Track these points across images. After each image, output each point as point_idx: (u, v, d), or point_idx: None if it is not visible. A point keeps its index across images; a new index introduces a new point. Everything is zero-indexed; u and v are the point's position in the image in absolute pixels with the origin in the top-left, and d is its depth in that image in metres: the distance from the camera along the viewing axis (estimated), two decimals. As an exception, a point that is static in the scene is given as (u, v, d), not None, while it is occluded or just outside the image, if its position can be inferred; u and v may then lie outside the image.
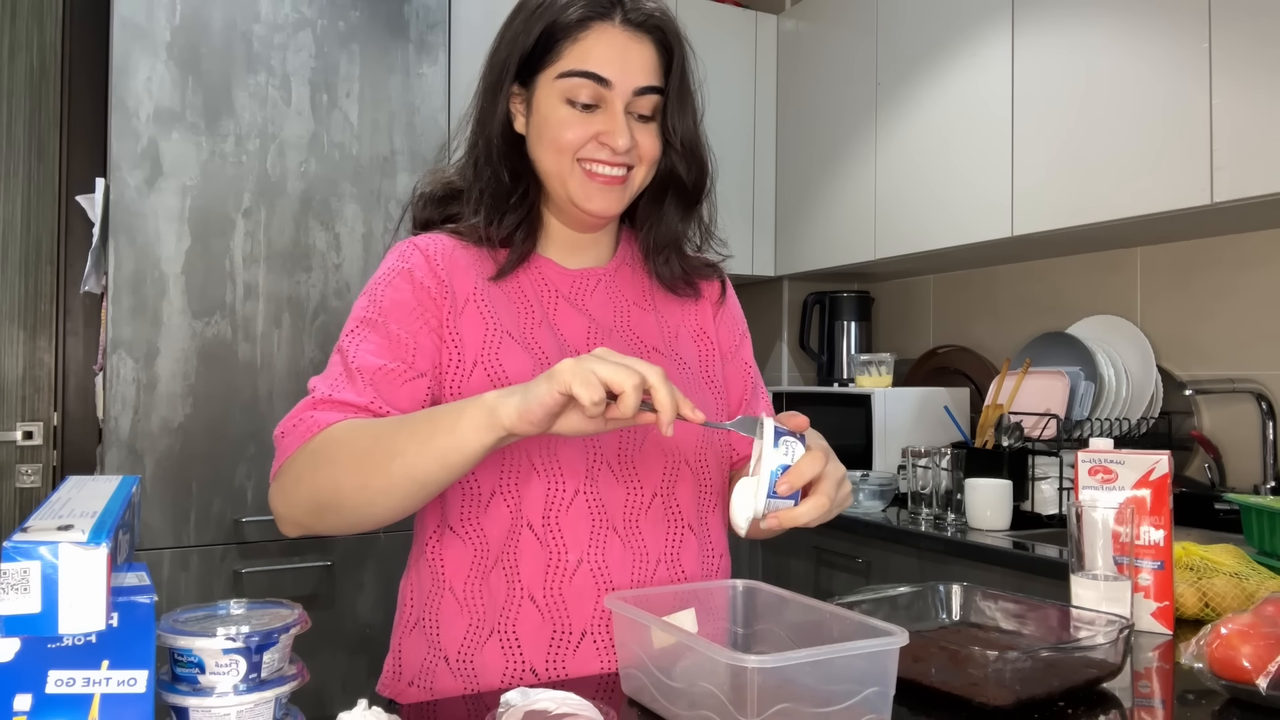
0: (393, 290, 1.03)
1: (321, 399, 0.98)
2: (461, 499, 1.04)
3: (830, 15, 3.03)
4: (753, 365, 1.23)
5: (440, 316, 1.03)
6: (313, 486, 0.93)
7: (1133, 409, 2.35)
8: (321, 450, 0.93)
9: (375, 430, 0.92)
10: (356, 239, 2.33)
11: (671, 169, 1.10)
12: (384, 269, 1.06)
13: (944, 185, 2.57)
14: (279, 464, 0.97)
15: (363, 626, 2.27)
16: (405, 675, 1.07)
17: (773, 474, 0.85)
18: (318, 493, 0.92)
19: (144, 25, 2.13)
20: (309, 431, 0.95)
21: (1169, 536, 1.15)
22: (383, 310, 1.02)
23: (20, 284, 2.81)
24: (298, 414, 0.97)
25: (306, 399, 0.99)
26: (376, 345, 1.00)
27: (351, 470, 0.91)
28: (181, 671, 0.70)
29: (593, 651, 1.01)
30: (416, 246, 1.07)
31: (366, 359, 0.99)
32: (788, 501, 0.86)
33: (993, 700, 0.85)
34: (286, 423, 0.97)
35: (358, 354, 1.00)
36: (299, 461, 0.95)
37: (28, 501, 2.82)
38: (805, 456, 0.87)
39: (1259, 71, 1.86)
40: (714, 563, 1.11)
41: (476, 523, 1.03)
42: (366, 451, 0.91)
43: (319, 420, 0.95)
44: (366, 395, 0.97)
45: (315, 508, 0.93)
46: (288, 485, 0.95)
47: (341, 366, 1.00)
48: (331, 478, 0.91)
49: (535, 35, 1.02)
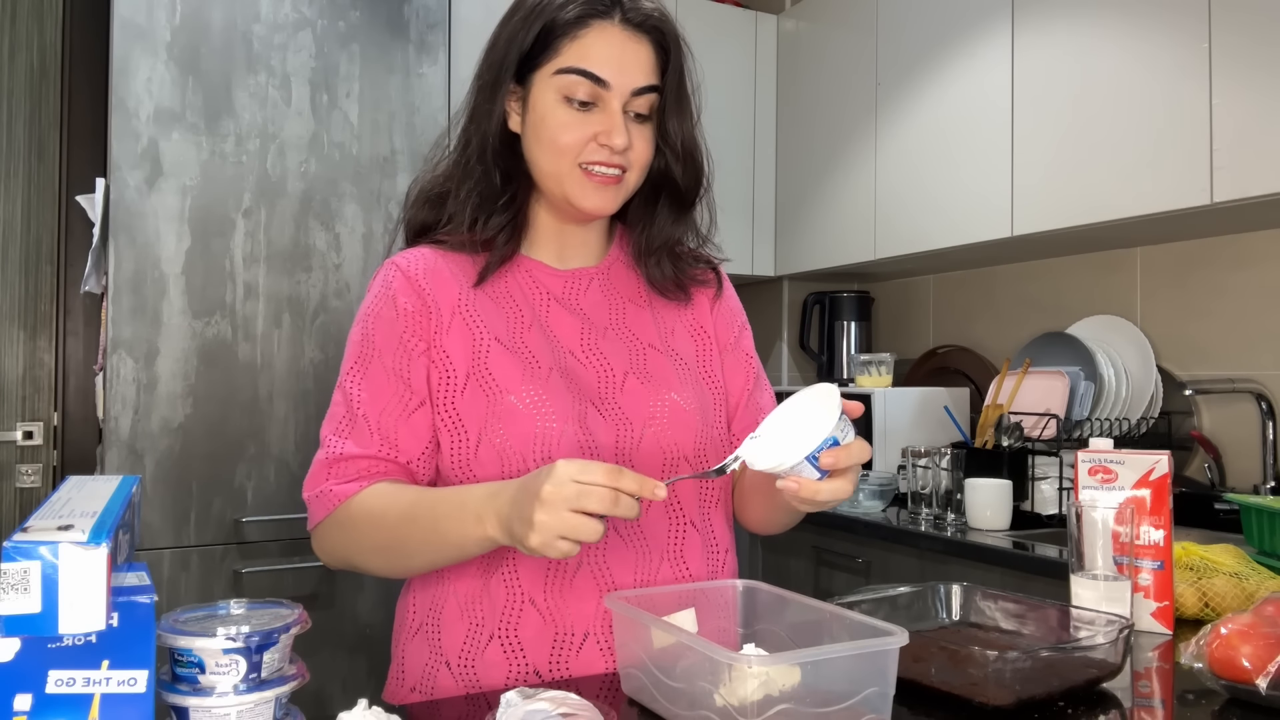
0: (381, 323, 1.06)
1: (334, 458, 1.03)
2: None
3: (830, 15, 3.03)
4: (754, 356, 1.22)
5: (428, 337, 1.05)
6: (345, 557, 1.04)
7: (1133, 409, 2.35)
8: (348, 528, 1.02)
9: (390, 523, 0.99)
10: (356, 239, 2.33)
11: (666, 170, 1.10)
12: (370, 298, 1.09)
13: (944, 185, 2.57)
14: (311, 525, 1.06)
15: (363, 626, 2.26)
16: (408, 681, 1.07)
17: (824, 441, 0.82)
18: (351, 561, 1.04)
19: (144, 25, 2.13)
20: (330, 506, 1.02)
21: (1169, 536, 1.15)
22: (375, 346, 1.05)
23: (20, 284, 2.81)
24: (318, 481, 1.04)
25: (321, 457, 1.04)
26: (375, 384, 1.04)
27: (377, 555, 1.02)
28: (181, 671, 0.70)
29: (596, 652, 1.01)
30: (398, 267, 1.08)
31: (368, 404, 1.04)
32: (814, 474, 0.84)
33: (993, 700, 0.85)
34: (310, 488, 1.05)
35: (360, 398, 1.04)
36: (330, 533, 1.04)
37: (28, 501, 2.82)
38: (857, 442, 0.87)
39: (1259, 71, 1.86)
40: (719, 558, 1.11)
41: None
42: (386, 546, 1.00)
43: (337, 494, 1.02)
44: (374, 445, 1.03)
45: (350, 568, 1.06)
46: (326, 546, 1.06)
47: (345, 410, 1.05)
48: (360, 554, 1.03)
49: (534, 33, 1.02)
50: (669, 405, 1.07)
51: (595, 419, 1.04)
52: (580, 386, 1.05)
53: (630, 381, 1.07)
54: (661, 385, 1.08)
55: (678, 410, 1.07)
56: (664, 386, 1.08)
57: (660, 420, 1.06)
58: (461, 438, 1.03)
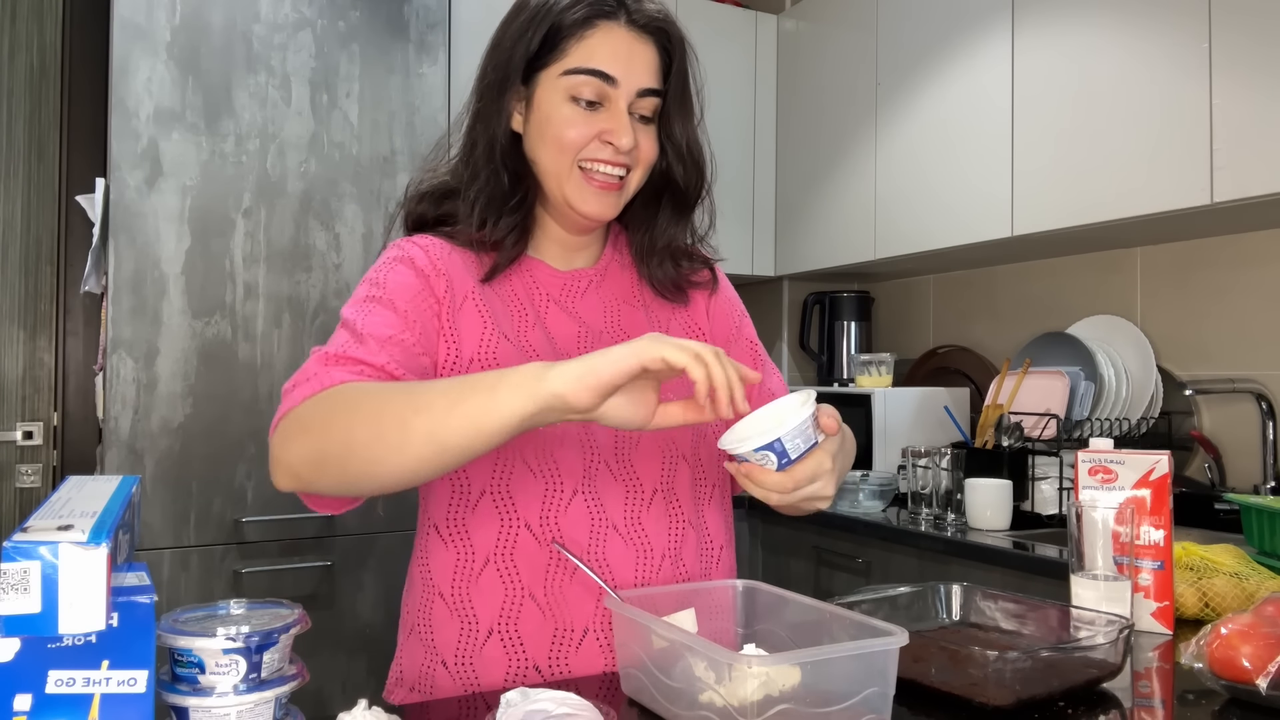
0: (395, 274, 1.02)
1: (336, 355, 0.93)
2: (450, 497, 1.04)
3: (830, 15, 3.03)
4: (757, 343, 1.22)
5: (440, 307, 1.02)
6: (322, 435, 0.85)
7: (1133, 409, 2.35)
8: (338, 399, 0.87)
9: (401, 386, 0.87)
10: (356, 239, 2.33)
11: (668, 172, 1.10)
12: (383, 260, 1.05)
13: (944, 185, 2.57)
14: (283, 412, 0.90)
15: (363, 626, 2.27)
16: (406, 680, 1.07)
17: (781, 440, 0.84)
18: (326, 442, 0.85)
19: (144, 25, 2.13)
20: (324, 384, 0.89)
21: (1169, 536, 1.15)
22: (388, 290, 1.00)
23: (20, 284, 2.81)
24: (311, 368, 0.92)
25: (317, 355, 0.94)
26: (385, 319, 0.97)
27: (368, 420, 0.84)
28: (181, 671, 0.70)
29: (596, 648, 1.01)
30: (415, 243, 1.06)
31: (377, 328, 0.96)
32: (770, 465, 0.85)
33: (993, 700, 0.85)
34: (298, 376, 0.92)
35: (366, 323, 0.96)
36: (310, 409, 0.87)
37: (28, 501, 2.82)
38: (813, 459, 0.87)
39: (1259, 71, 1.86)
40: (713, 555, 1.11)
41: (462, 524, 1.03)
42: (387, 403, 0.84)
43: (335, 375, 0.90)
44: (382, 357, 0.93)
45: (319, 458, 0.86)
46: (292, 431, 0.87)
47: (350, 333, 0.96)
48: (345, 427, 0.85)
49: (540, 34, 1.02)
50: (667, 404, 1.07)
51: None
52: None
53: (627, 383, 1.07)
54: (660, 385, 1.08)
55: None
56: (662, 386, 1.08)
57: (659, 419, 1.06)
58: None
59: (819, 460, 0.87)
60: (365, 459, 0.84)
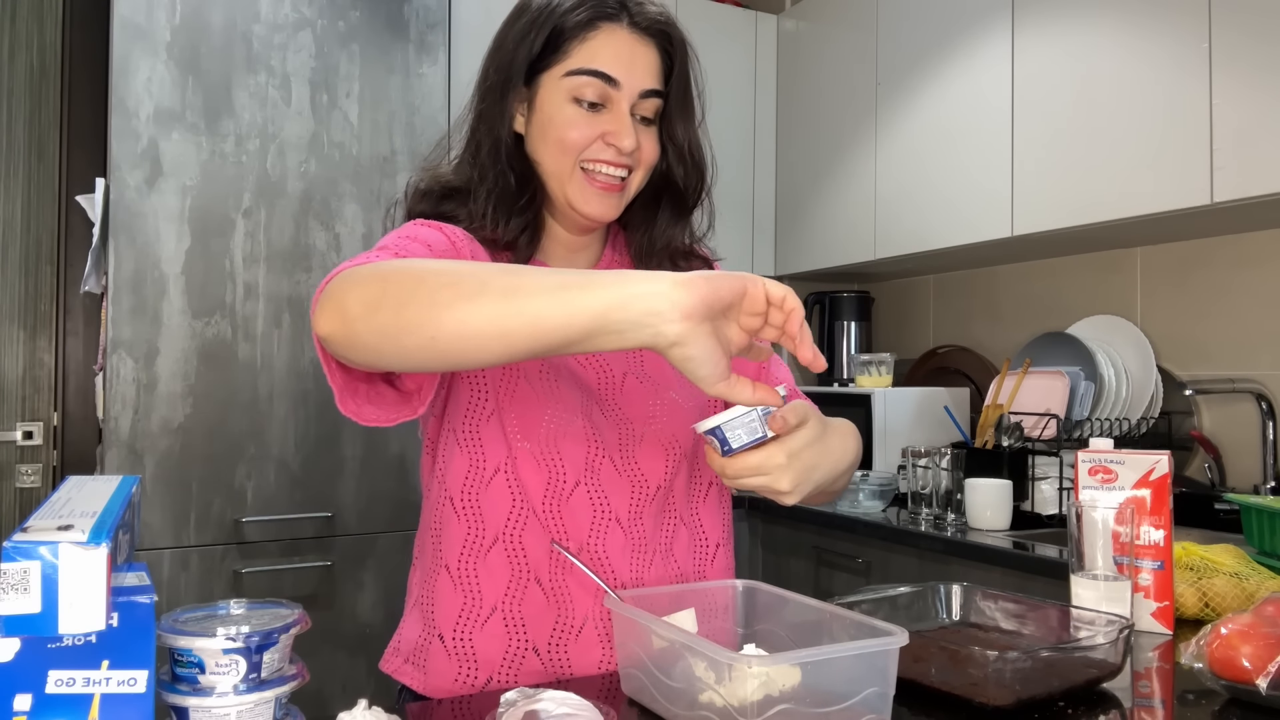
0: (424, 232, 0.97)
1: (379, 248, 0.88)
2: (467, 470, 1.04)
3: (830, 15, 3.03)
4: None
5: None
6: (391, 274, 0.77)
7: (1133, 409, 2.35)
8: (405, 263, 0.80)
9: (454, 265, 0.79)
10: (356, 239, 2.33)
11: (668, 173, 1.10)
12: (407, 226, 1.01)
13: (944, 185, 2.57)
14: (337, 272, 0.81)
15: (363, 626, 2.26)
16: (403, 651, 1.08)
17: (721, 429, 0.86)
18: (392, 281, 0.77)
19: (144, 25, 2.13)
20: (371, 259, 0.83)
21: (1169, 536, 1.15)
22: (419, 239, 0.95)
23: (20, 284, 2.81)
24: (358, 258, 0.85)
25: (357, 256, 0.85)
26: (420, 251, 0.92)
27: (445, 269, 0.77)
28: (181, 671, 0.70)
29: (595, 638, 1.02)
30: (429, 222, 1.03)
31: (417, 249, 0.91)
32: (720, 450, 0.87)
33: (993, 700, 0.85)
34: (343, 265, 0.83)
35: (403, 248, 0.90)
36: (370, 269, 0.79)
37: (28, 501, 2.82)
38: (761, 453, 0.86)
39: (1259, 71, 1.86)
40: (707, 553, 1.11)
41: (475, 499, 1.03)
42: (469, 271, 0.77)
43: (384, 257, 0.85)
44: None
45: (377, 295, 0.76)
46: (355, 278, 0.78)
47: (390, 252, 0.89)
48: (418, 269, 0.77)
49: (543, 36, 1.02)
50: (668, 404, 1.08)
51: (598, 416, 1.05)
52: (583, 386, 1.06)
53: (630, 381, 1.08)
54: (661, 384, 1.09)
55: (677, 408, 1.08)
56: (663, 385, 1.09)
57: (661, 419, 1.07)
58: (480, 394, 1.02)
59: (768, 454, 0.86)
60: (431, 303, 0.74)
